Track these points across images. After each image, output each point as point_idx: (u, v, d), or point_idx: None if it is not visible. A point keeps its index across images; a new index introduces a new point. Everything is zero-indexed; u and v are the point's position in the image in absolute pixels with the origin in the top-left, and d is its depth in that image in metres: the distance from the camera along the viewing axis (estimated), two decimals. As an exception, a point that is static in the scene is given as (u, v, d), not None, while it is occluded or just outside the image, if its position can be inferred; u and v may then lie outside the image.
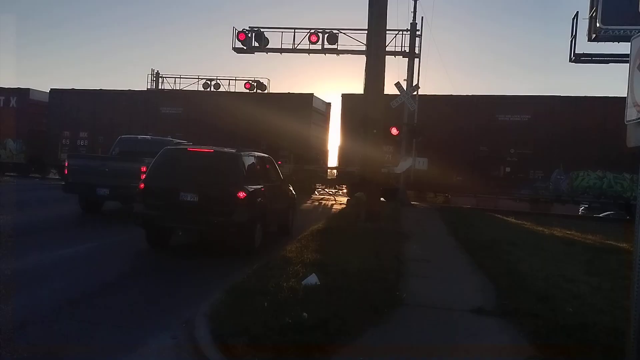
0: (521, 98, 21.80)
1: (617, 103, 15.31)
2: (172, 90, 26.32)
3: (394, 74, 29.95)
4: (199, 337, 4.77)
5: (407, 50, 22.44)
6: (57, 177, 26.62)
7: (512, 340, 5.31)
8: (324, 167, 26.18)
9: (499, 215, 18.33)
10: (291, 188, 12.73)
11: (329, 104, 27.22)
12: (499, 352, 4.93)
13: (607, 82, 76.67)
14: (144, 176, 9.86)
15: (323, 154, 26.87)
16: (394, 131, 20.40)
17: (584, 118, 20.12)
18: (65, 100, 26.73)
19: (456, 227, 13.93)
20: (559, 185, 20.38)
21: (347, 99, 23.44)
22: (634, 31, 17.05)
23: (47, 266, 7.78)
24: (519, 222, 16.00)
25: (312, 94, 24.66)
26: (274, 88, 34.70)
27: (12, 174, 27.23)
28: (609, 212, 21.87)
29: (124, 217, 12.78)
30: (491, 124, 21.52)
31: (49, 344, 4.77)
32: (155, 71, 33.93)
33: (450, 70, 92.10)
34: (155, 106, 25.67)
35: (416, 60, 22.27)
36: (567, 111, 20.56)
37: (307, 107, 24.04)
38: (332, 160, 26.66)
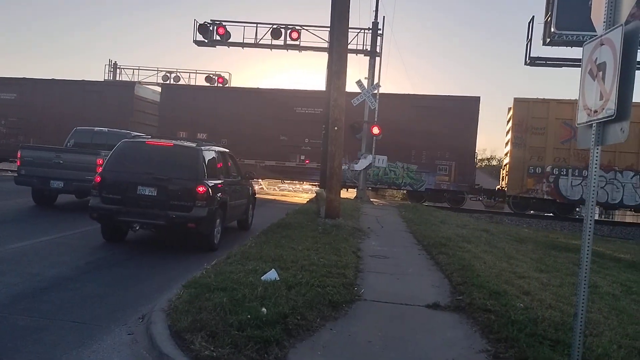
0: (315, 92, 23.73)
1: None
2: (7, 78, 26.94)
3: (356, 71, 30.16)
4: (156, 333, 4.72)
5: (369, 49, 22.67)
6: None
7: (466, 334, 5.47)
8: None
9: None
10: (251, 183, 12.70)
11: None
12: (452, 346, 5.07)
13: (560, 85, 79.30)
14: (100, 169, 9.66)
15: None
16: (376, 130, 20.67)
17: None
18: None
19: (413, 224, 14.20)
20: (345, 172, 22.32)
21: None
22: (586, 37, 17.78)
23: (-3, 260, 7.55)
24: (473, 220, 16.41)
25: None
26: (235, 82, 34.43)
27: None
28: None
29: (78, 211, 12.50)
30: (289, 116, 24.02)
31: (-1, 341, 4.63)
32: (113, 62, 33.18)
33: (410, 69, 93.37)
34: None
35: (377, 58, 22.53)
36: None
37: None
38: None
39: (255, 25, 23.49)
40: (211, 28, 23.40)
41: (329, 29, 17.74)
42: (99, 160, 12.25)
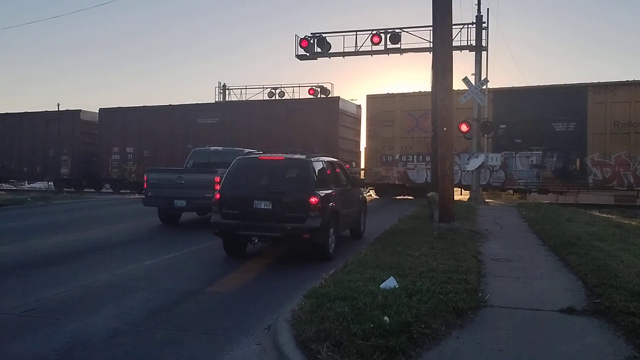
0: (211, 105, 29.23)
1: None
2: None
3: (460, 69, 29.25)
4: (282, 343, 4.80)
5: (474, 44, 21.87)
6: (109, 190, 30.11)
7: (608, 340, 5.00)
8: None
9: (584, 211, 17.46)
10: (362, 191, 12.69)
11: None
12: (594, 354, 4.65)
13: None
14: (218, 186, 10.13)
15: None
16: (464, 127, 19.96)
17: (254, 119, 26.44)
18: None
19: (536, 223, 13.39)
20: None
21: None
22: None
23: (133, 277, 8.14)
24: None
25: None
26: (338, 92, 34.88)
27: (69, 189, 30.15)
28: None
29: (200, 228, 13.21)
30: (192, 126, 27.75)
31: (141, 353, 4.95)
32: (222, 84, 34.95)
33: (520, 61, 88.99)
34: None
35: (483, 53, 21.68)
36: (246, 113, 26.84)
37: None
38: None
39: (354, 33, 23.56)
40: (312, 41, 23.85)
41: (430, 28, 17.38)
42: (217, 178, 12.86)
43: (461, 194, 23.85)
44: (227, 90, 34.88)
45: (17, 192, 29.42)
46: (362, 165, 26.99)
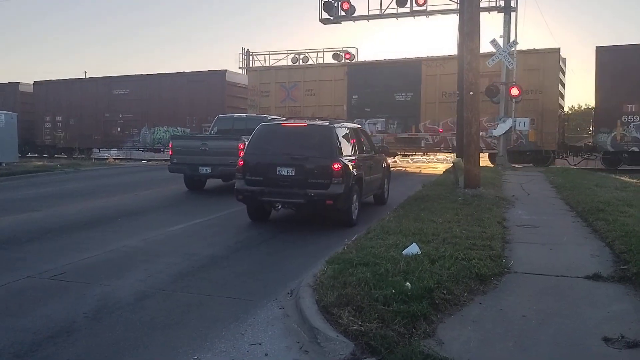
0: (125, 77, 31.36)
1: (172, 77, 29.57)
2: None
3: (488, 32, 28.45)
4: (305, 308, 4.86)
5: (503, 5, 21.16)
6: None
7: (635, 307, 4.94)
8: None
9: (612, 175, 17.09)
10: (385, 157, 12.60)
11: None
12: (619, 320, 4.58)
13: None
14: (242, 153, 10.16)
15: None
16: (515, 91, 19.57)
17: (160, 91, 29.64)
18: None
19: (564, 189, 13.15)
20: (145, 138, 30.19)
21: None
22: None
23: (159, 242, 8.31)
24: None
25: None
26: (362, 56, 34.32)
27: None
28: None
29: (225, 194, 13.35)
30: (109, 97, 31.05)
31: (167, 315, 5.08)
32: (246, 49, 34.68)
33: (551, 22, 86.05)
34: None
35: (512, 14, 20.97)
36: (152, 86, 29.95)
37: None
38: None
39: (379, -6, 22.99)
40: (335, 4, 23.37)
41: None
42: (241, 144, 12.90)
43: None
44: (250, 57, 34.61)
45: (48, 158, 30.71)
46: None
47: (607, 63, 21.20)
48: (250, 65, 33.62)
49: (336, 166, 8.96)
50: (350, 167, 9.36)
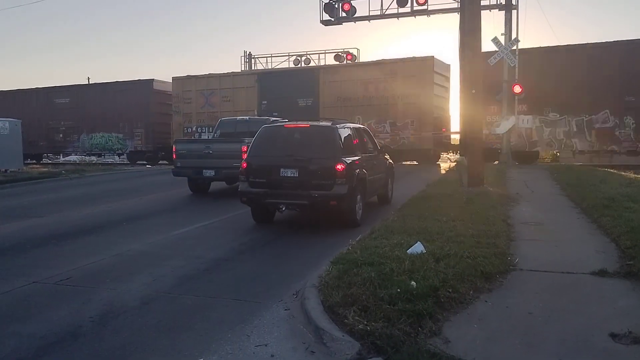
0: (64, 87, 33.21)
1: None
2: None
3: (489, 30, 28.47)
4: (310, 308, 4.86)
5: (503, 2, 21.14)
6: None
7: (642, 303, 4.92)
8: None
9: (614, 171, 17.03)
10: (388, 157, 12.59)
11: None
12: (626, 316, 4.56)
13: None
14: (245, 155, 10.17)
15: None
16: (517, 89, 19.53)
17: (94, 99, 31.71)
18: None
19: (568, 186, 13.11)
20: (84, 144, 32.20)
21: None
22: None
23: (164, 246, 8.32)
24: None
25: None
26: (364, 57, 34.33)
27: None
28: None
29: (229, 197, 13.36)
30: (51, 105, 32.87)
31: (173, 318, 5.08)
32: (248, 52, 34.73)
33: (552, 20, 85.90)
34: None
35: (513, 12, 20.95)
36: (88, 95, 32.25)
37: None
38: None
39: (380, -5, 23.02)
40: (336, 5, 23.40)
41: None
42: (244, 147, 12.90)
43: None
44: (252, 59, 34.66)
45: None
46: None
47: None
48: (253, 68, 33.73)
49: (339, 167, 8.96)
50: (354, 168, 9.35)
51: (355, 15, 23.58)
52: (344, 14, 23.52)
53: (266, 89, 27.47)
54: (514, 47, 20.00)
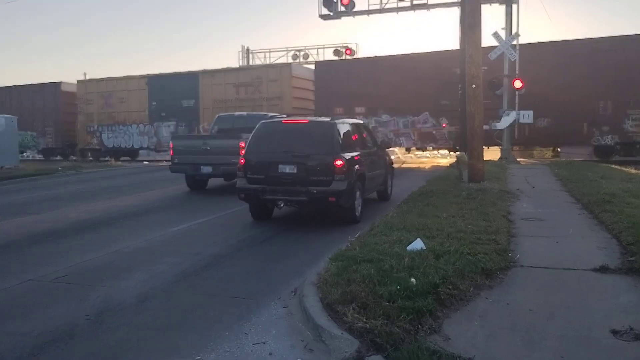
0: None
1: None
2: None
3: (489, 24, 28.33)
4: (308, 306, 4.80)
5: (504, -4, 21.01)
6: None
7: (645, 299, 4.87)
8: None
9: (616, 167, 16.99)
10: (388, 153, 12.52)
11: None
12: (628, 312, 4.51)
13: None
14: (243, 152, 10.10)
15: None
16: (518, 84, 19.43)
17: (11, 101, 32.84)
18: None
19: (569, 181, 13.06)
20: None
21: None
22: None
23: (162, 242, 8.26)
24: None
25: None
26: (363, 52, 34.25)
27: None
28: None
29: (227, 193, 13.30)
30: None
31: (170, 316, 5.03)
32: (246, 47, 34.61)
33: (554, 13, 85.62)
34: None
35: (514, 5, 20.84)
36: (9, 96, 33.20)
37: None
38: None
39: (379, -11, 22.83)
40: (335, 0, 23.23)
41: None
42: (242, 143, 12.81)
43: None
44: (250, 54, 34.54)
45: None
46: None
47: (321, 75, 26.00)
48: (250, 63, 33.63)
49: (338, 163, 8.89)
50: (353, 164, 9.29)
51: (354, 10, 23.39)
52: (342, 9, 23.31)
53: (155, 91, 29.66)
54: (514, 42, 19.91)
